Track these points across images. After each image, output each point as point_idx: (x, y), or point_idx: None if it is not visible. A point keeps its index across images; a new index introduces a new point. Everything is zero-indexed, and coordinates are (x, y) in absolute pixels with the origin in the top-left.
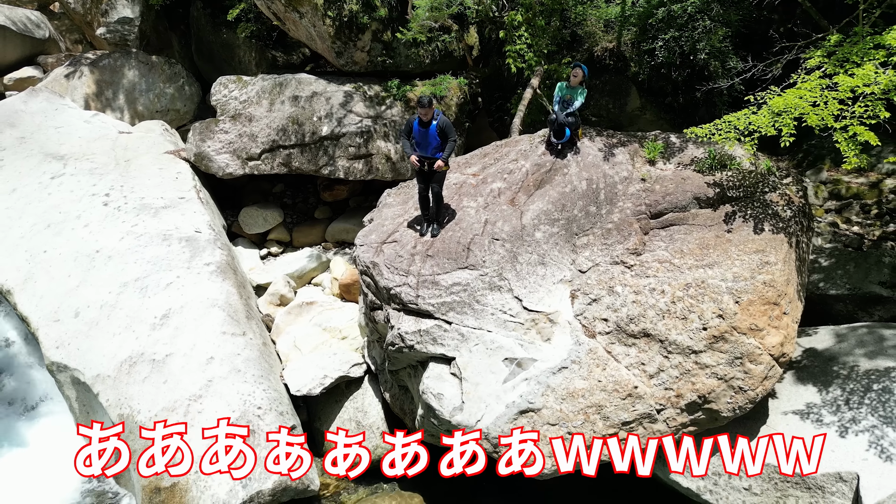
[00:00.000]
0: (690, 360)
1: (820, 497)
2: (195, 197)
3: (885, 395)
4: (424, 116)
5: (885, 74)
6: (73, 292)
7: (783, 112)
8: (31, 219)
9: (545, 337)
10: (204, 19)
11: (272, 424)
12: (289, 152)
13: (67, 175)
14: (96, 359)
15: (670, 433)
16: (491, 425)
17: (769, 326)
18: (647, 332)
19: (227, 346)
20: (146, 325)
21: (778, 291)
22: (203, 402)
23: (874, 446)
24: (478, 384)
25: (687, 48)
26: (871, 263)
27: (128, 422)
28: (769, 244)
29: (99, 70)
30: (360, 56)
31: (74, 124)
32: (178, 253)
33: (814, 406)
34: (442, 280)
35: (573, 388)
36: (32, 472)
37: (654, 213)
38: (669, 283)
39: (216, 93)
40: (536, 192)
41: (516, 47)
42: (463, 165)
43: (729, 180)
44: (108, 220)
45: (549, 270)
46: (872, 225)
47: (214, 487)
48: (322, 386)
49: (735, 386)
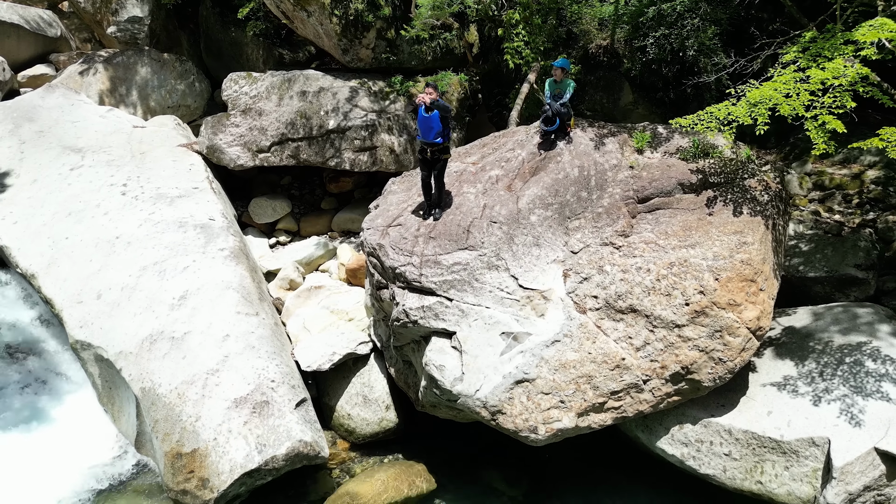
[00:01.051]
0: (674, 334)
1: (795, 461)
2: (208, 187)
3: (856, 367)
4: (423, 100)
5: (853, 68)
6: (95, 275)
7: (759, 103)
8: (53, 207)
9: (539, 313)
10: (213, 18)
11: (285, 396)
12: (297, 145)
13: (86, 167)
14: (118, 337)
15: (656, 402)
16: (489, 394)
17: (746, 302)
18: (633, 308)
19: (241, 324)
20: (165, 305)
21: (755, 269)
22: (220, 376)
23: (845, 413)
24: (477, 356)
25: (676, 45)
26: (848, 247)
27: (149, 394)
28: (747, 226)
29: (113, 67)
30: (364, 53)
31: (90, 119)
32: (193, 239)
33: (790, 378)
34: (443, 260)
35: (565, 360)
36: (57, 446)
37: (641, 197)
38: (655, 263)
39: (227, 88)
40: (532, 179)
41: (514, 44)
42: (463, 155)
43: (711, 167)
44: (127, 209)
45: (543, 251)
46: (853, 213)
47: (232, 452)
48: (331, 362)
49: (715, 357)
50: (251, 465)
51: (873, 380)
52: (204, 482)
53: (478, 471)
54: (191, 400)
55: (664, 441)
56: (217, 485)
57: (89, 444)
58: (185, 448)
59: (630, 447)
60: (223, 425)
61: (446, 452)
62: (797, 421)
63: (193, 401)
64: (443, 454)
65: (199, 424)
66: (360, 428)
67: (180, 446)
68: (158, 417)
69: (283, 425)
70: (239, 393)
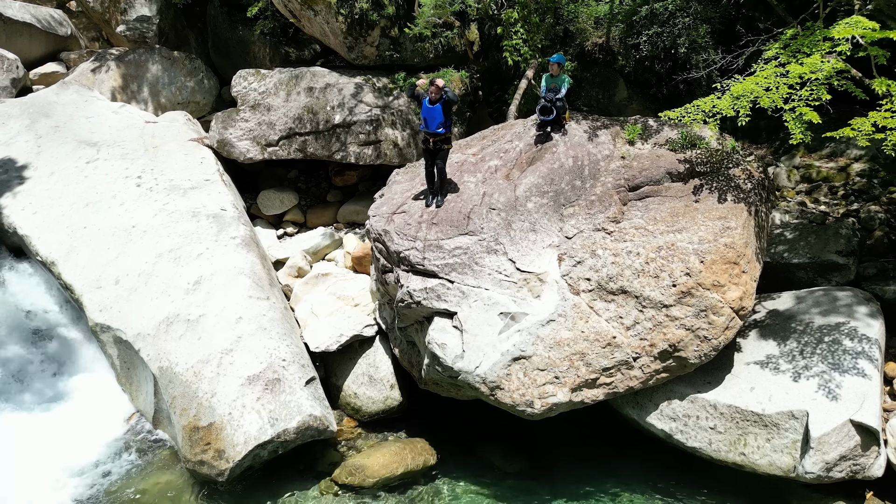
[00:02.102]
0: (662, 314)
1: (775, 433)
2: (219, 179)
3: (834, 345)
4: (434, 95)
5: (829, 63)
6: (113, 262)
7: (741, 96)
8: (71, 198)
9: (535, 294)
10: (221, 17)
11: (295, 374)
12: (304, 139)
13: (101, 160)
14: (136, 319)
15: (645, 378)
16: (488, 371)
17: (730, 283)
18: (624, 290)
19: (253, 308)
20: (180, 290)
21: (738, 252)
22: (234, 355)
23: (822, 388)
24: (476, 335)
25: (668, 43)
26: (830, 235)
27: (167, 373)
28: (731, 212)
29: (125, 65)
30: (369, 51)
31: (104, 114)
32: (206, 228)
33: (773, 357)
34: (445, 244)
35: (560, 338)
36: (79, 423)
37: (631, 186)
38: (644, 247)
39: (236, 85)
40: (529, 169)
41: (513, 42)
42: (464, 147)
43: (698, 157)
44: (142, 200)
45: (539, 236)
46: (838, 204)
47: (246, 426)
48: (338, 343)
49: (701, 335)
50: (264, 437)
51: (850, 357)
52: (220, 453)
53: (477, 447)
54: (206, 378)
55: (653, 416)
56: (232, 455)
57: (109, 421)
58: (201, 422)
59: (622, 424)
60: (237, 401)
61: (447, 429)
62: (778, 396)
63: (209, 378)
64: (444, 431)
65: (214, 400)
66: (366, 406)
67: (197, 420)
68: (176, 394)
69: (293, 401)
70: (252, 371)
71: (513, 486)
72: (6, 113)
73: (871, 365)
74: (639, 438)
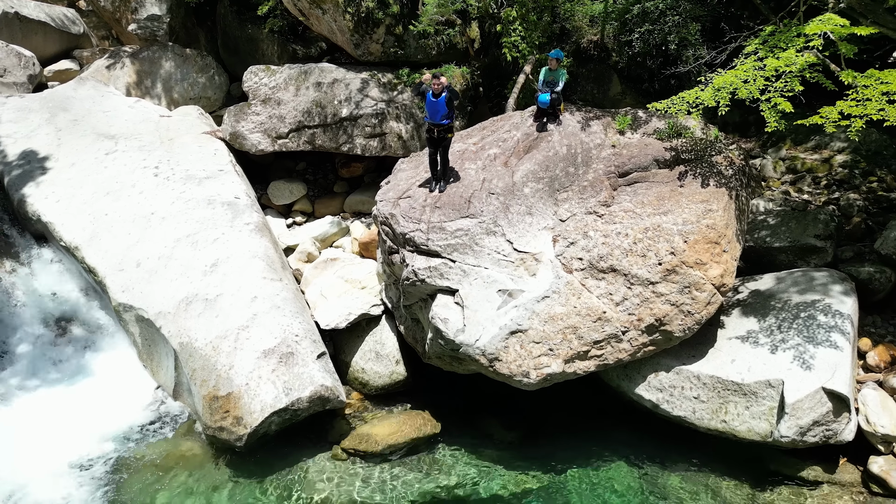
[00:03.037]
0: (649, 290)
1: (754, 401)
2: (232, 170)
3: (809, 320)
4: (437, 89)
5: (802, 57)
6: (134, 247)
7: (722, 88)
8: (92, 187)
9: (531, 272)
10: (231, 16)
11: (307, 349)
12: (313, 132)
13: (120, 151)
14: (157, 299)
15: (633, 351)
16: (487, 343)
17: (711, 261)
18: (613, 268)
19: (267, 288)
20: (198, 271)
21: (719, 233)
22: (250, 331)
23: (797, 359)
24: (476, 311)
25: (659, 39)
26: (809, 221)
27: (187, 347)
28: (713, 196)
29: (139, 61)
30: (374, 47)
31: (120, 109)
32: (221, 214)
33: (753, 332)
34: (447, 226)
35: (554, 313)
36: (104, 397)
37: (621, 172)
38: (632, 228)
39: (248, 80)
40: (526, 156)
41: (512, 39)
42: (465, 137)
43: (683, 146)
44: (160, 188)
45: (535, 219)
46: (820, 193)
47: (262, 395)
48: (347, 321)
49: (685, 310)
50: (280, 405)
51: (824, 331)
52: (238, 420)
53: (477, 419)
54: (224, 351)
55: (642, 388)
56: (250, 422)
57: (131, 395)
58: (220, 392)
59: (612, 398)
60: (254, 372)
61: (449, 403)
62: (756, 367)
63: (227, 352)
64: (446, 404)
65: (232, 372)
66: (373, 380)
67: (216, 390)
68: (196, 367)
69: (306, 373)
70: (267, 345)
71: (510, 454)
72: (27, 107)
73: (843, 338)
74: (627, 411)
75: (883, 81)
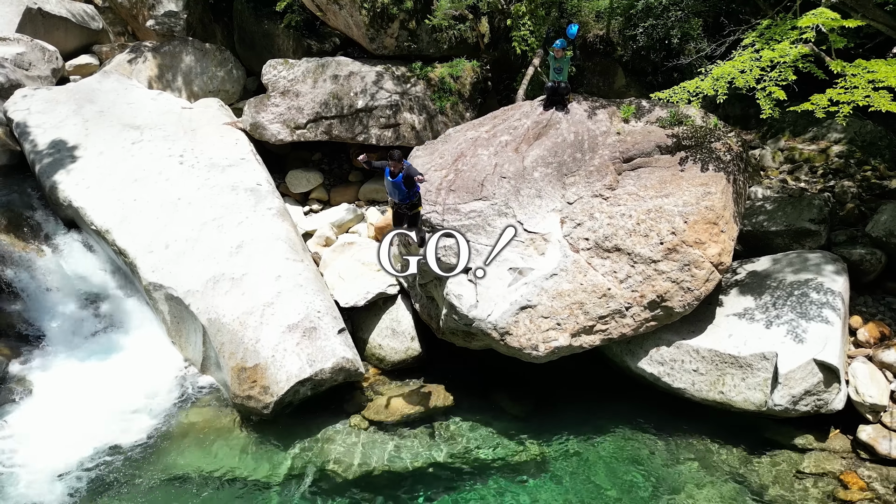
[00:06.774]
0: (651, 268)
1: (749, 372)
2: (253, 158)
3: (802, 298)
4: (394, 168)
5: (796, 48)
6: (162, 230)
7: (720, 78)
8: (120, 175)
9: (540, 252)
10: (247, 12)
11: (329, 324)
12: (330, 122)
13: (145, 141)
14: (186, 278)
15: (636, 326)
16: (498, 318)
17: (710, 241)
18: (618, 247)
19: (290, 268)
20: (224, 253)
21: (717, 214)
22: (275, 308)
23: (790, 333)
24: (489, 287)
25: (662, 34)
26: (804, 206)
27: (215, 323)
28: (711, 179)
29: (160, 55)
30: (389, 42)
31: (143, 101)
32: (244, 200)
33: (749, 309)
34: (462, 208)
35: (561, 290)
36: (137, 371)
37: (625, 158)
38: (636, 210)
39: (266, 73)
40: (535, 143)
41: (521, 33)
42: (477, 125)
43: (684, 133)
44: (185, 176)
45: (544, 202)
46: (816, 181)
47: (288, 366)
48: (366, 299)
49: (685, 287)
50: (304, 375)
51: (816, 307)
52: (265, 389)
53: (488, 392)
54: (251, 326)
55: (644, 362)
56: (276, 391)
57: (161, 369)
58: (247, 363)
59: (616, 373)
60: (279, 345)
61: (462, 377)
62: (752, 341)
63: (253, 327)
64: (459, 379)
65: (259, 345)
66: (389, 356)
67: (244, 362)
68: (224, 341)
69: (328, 346)
70: (291, 321)
71: (518, 425)
72: (54, 99)
73: (834, 313)
74: (632, 385)
75: (869, 70)
